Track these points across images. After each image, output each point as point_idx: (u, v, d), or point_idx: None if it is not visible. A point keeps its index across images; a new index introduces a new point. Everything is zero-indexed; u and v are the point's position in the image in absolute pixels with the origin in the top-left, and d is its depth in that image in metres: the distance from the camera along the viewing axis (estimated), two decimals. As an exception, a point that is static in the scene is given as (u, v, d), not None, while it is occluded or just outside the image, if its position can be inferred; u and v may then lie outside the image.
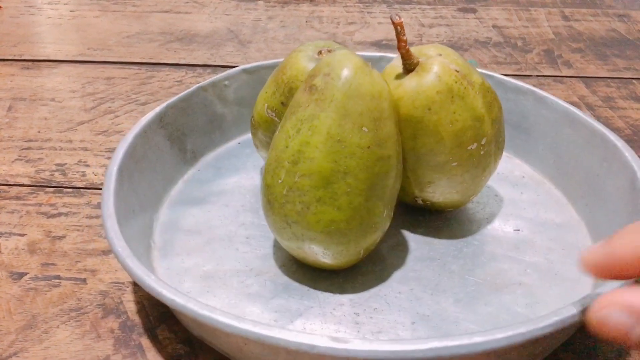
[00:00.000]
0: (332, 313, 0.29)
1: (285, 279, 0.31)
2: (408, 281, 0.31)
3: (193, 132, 0.39)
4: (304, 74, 0.33)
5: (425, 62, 0.31)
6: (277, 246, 0.33)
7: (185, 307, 0.25)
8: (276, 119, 0.34)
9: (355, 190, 0.28)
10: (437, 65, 0.30)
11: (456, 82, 0.30)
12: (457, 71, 0.30)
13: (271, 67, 0.41)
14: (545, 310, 0.29)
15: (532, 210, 0.36)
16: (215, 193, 0.37)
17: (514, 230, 0.35)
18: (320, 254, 0.29)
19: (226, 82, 0.41)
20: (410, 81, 0.30)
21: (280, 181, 0.28)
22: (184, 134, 0.38)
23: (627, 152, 0.33)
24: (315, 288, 0.31)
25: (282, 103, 0.34)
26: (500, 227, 0.35)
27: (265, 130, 0.35)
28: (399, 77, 0.31)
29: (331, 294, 0.30)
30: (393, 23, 0.29)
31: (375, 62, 0.35)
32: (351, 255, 0.30)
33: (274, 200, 0.29)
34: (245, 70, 0.41)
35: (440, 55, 0.31)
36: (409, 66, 0.30)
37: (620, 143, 0.34)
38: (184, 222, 0.35)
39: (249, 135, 0.41)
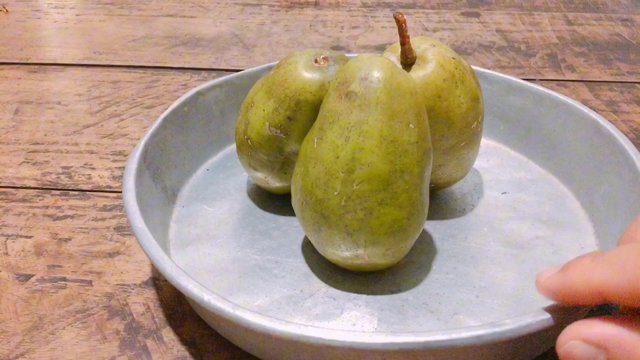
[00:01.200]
0: (404, 307, 0.30)
1: (337, 292, 0.31)
2: (446, 261, 0.33)
3: (167, 168, 0.36)
4: (311, 85, 0.32)
5: (422, 54, 0.32)
6: (311, 258, 0.33)
7: (263, 326, 0.24)
8: (282, 135, 0.33)
9: (412, 186, 0.28)
10: (437, 56, 0.32)
11: (456, 69, 0.32)
12: (454, 58, 0.32)
13: (226, 85, 0.40)
14: (567, 255, 0.33)
15: (504, 173, 0.40)
16: (213, 226, 0.35)
17: (502, 193, 0.38)
18: (380, 256, 0.29)
19: (185, 109, 0.38)
20: (417, 73, 0.31)
21: (336, 193, 0.28)
22: (161, 171, 0.36)
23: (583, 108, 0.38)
24: (368, 293, 0.31)
25: (289, 118, 0.32)
26: (489, 193, 0.38)
27: (269, 149, 0.34)
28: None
29: (390, 294, 0.31)
30: (397, 20, 0.30)
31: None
32: (407, 249, 0.30)
33: (330, 213, 0.28)
34: (199, 93, 0.39)
35: (434, 46, 0.32)
36: (410, 60, 0.32)
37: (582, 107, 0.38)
38: (202, 264, 0.32)
39: (213, 160, 0.40)
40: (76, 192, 0.39)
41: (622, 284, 0.20)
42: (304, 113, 0.32)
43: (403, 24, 0.30)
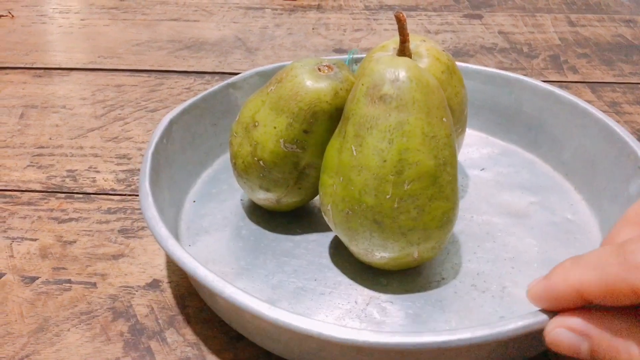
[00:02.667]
0: (457, 294, 0.31)
1: (389, 296, 0.31)
2: (468, 242, 0.34)
3: (168, 206, 0.35)
4: (325, 94, 0.31)
5: (416, 50, 0.33)
6: (346, 269, 0.33)
7: (316, 332, 0.24)
8: (298, 150, 0.32)
9: (453, 177, 0.29)
10: (430, 50, 0.34)
11: (449, 60, 0.34)
12: (443, 50, 0.34)
13: (194, 109, 0.39)
14: (565, 214, 0.37)
15: (472, 152, 0.42)
16: (232, 259, 0.33)
17: (481, 170, 0.40)
18: (429, 250, 0.30)
19: (164, 141, 0.37)
20: None
21: (388, 196, 0.28)
22: (164, 210, 0.34)
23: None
24: (419, 290, 0.31)
25: (305, 131, 0.32)
26: (471, 172, 0.40)
27: (284, 166, 0.32)
28: None
29: (438, 286, 0.32)
30: (399, 19, 0.31)
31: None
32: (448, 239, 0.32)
33: (384, 218, 0.28)
34: (172, 121, 0.37)
35: (424, 41, 0.34)
36: (407, 57, 0.32)
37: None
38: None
39: (195, 190, 0.38)
40: (81, 195, 0.39)
41: (597, 282, 0.22)
42: (321, 124, 0.32)
43: (404, 23, 0.31)
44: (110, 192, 0.40)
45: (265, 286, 0.32)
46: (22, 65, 0.57)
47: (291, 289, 0.32)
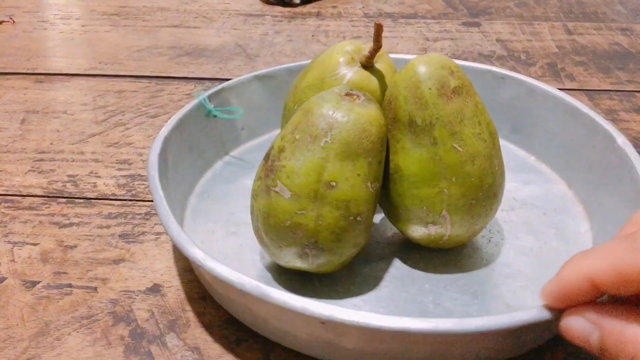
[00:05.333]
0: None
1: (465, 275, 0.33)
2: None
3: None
4: (380, 118, 0.31)
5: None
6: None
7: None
8: (378, 184, 0.31)
9: None
10: (385, 56, 0.35)
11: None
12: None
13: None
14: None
15: None
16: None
17: None
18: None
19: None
20: (384, 65, 0.35)
21: (497, 168, 0.32)
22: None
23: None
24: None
25: (380, 162, 0.31)
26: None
27: (372, 208, 0.31)
28: (376, 71, 0.34)
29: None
30: (379, 27, 0.32)
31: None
32: None
33: (497, 187, 0.32)
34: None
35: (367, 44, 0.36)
36: (372, 62, 0.34)
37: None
38: None
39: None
40: (82, 200, 0.40)
41: (609, 269, 0.21)
42: (385, 147, 0.31)
43: (381, 31, 0.33)
44: (111, 197, 0.40)
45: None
46: (23, 71, 0.57)
47: (419, 311, 0.31)
